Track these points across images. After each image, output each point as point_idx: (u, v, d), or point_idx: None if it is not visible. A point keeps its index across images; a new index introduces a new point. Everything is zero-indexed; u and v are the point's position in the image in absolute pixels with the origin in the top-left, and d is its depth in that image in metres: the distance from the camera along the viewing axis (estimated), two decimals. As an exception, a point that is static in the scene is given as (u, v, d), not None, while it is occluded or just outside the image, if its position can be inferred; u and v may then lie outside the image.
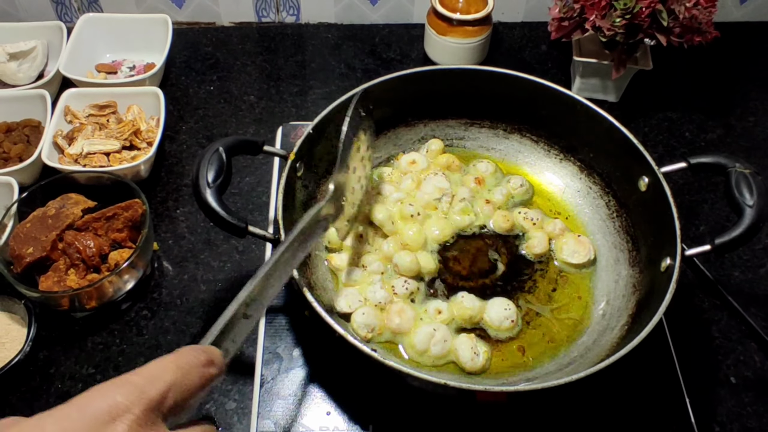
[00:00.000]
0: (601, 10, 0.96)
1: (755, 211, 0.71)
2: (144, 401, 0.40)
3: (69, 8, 1.19)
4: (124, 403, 0.39)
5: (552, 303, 0.81)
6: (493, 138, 0.94)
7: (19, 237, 0.81)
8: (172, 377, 0.42)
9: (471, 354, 0.73)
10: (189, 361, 0.44)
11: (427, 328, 0.75)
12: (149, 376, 0.41)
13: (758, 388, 0.82)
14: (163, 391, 0.41)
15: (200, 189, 0.71)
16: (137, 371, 0.42)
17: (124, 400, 0.39)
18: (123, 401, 0.39)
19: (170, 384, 0.42)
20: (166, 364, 0.43)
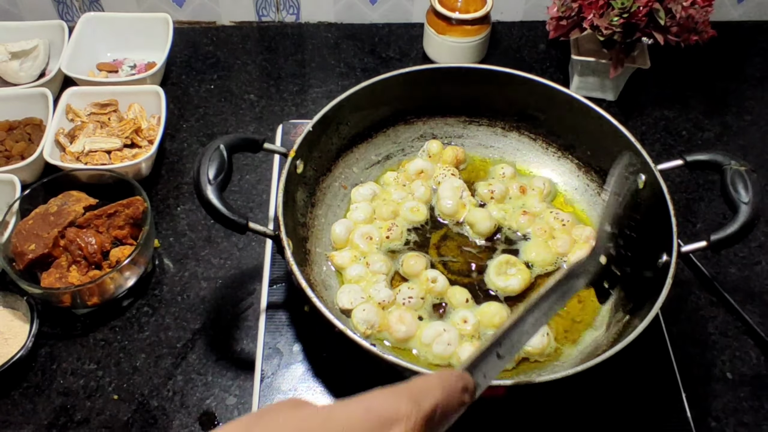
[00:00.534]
0: (599, 9, 0.97)
1: (750, 207, 0.72)
2: (420, 413, 0.42)
3: (70, 7, 1.20)
4: (405, 411, 0.42)
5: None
6: (492, 136, 0.95)
7: (21, 234, 0.82)
8: (439, 395, 0.44)
9: None
10: (452, 383, 0.46)
11: (438, 326, 0.75)
12: (421, 391, 0.44)
13: (754, 383, 0.82)
14: (433, 406, 0.43)
15: (201, 186, 0.72)
16: (409, 385, 0.44)
17: (405, 409, 0.42)
18: (405, 409, 0.42)
19: (438, 401, 0.44)
20: (435, 382, 0.45)
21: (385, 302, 0.77)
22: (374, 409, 0.42)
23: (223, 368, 0.81)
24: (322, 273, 0.82)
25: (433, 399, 0.43)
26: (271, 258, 0.87)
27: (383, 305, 0.77)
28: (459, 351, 0.74)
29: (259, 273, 0.88)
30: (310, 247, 0.82)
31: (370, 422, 0.41)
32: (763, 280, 0.92)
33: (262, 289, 0.84)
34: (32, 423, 0.77)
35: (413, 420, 0.42)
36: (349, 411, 0.41)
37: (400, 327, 0.75)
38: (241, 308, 0.86)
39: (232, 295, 0.88)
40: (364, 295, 0.78)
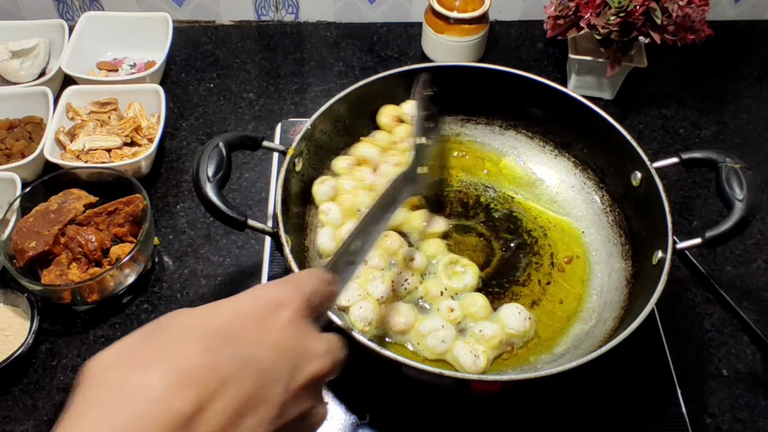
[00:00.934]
0: (596, 8, 0.97)
1: (745, 205, 0.72)
2: (302, 295, 0.47)
3: (71, 7, 1.21)
4: (287, 295, 0.46)
5: (546, 295, 0.82)
6: (489, 134, 0.95)
7: (21, 231, 0.83)
8: (315, 283, 0.49)
9: (471, 357, 0.73)
10: (323, 275, 0.51)
11: (436, 321, 0.76)
12: (300, 280, 0.49)
13: (749, 380, 0.83)
14: (312, 291, 0.48)
15: (200, 183, 0.73)
16: (288, 277, 0.49)
17: (287, 293, 0.46)
18: (287, 293, 0.46)
19: (314, 288, 0.48)
20: (309, 274, 0.50)
21: (383, 298, 0.77)
22: (263, 296, 0.46)
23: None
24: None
25: (311, 286, 0.48)
26: (270, 255, 0.87)
27: (381, 301, 0.77)
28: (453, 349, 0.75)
29: (258, 270, 0.88)
30: (309, 244, 0.83)
31: (261, 307, 0.45)
32: (759, 277, 0.92)
33: (261, 286, 0.85)
34: (32, 419, 0.77)
35: (297, 301, 0.46)
36: (238, 302, 0.45)
37: (397, 319, 0.76)
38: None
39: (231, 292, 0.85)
40: (362, 292, 0.78)
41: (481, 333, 0.75)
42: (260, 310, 0.44)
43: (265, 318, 0.44)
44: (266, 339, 0.43)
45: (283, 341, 0.44)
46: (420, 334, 0.75)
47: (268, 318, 0.44)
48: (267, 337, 0.43)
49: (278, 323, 0.44)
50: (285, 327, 0.44)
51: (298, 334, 0.45)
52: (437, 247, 0.83)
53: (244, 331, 0.43)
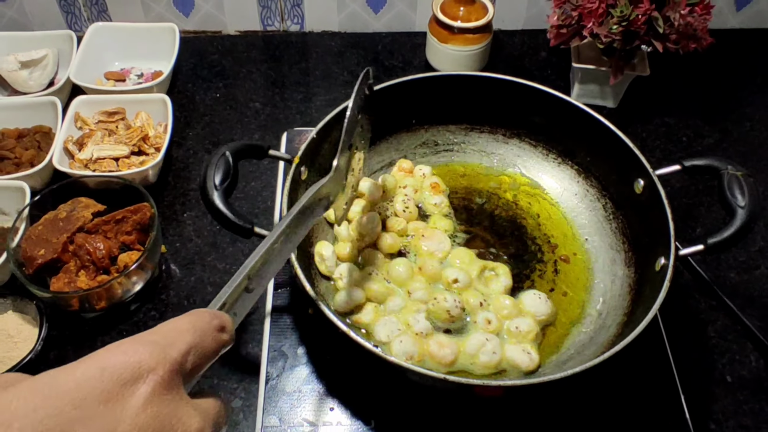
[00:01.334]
0: (599, 17, 0.98)
1: (746, 212, 0.73)
2: (168, 362, 0.37)
3: (79, 18, 1.22)
4: (147, 362, 0.36)
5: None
6: (493, 143, 0.96)
7: (31, 239, 0.84)
8: (191, 339, 0.39)
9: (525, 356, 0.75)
10: (204, 323, 0.41)
11: (479, 337, 0.76)
12: (168, 337, 0.39)
13: (753, 386, 0.83)
14: (184, 352, 0.39)
15: (208, 191, 0.74)
16: (155, 331, 0.39)
17: (147, 360, 0.36)
18: (147, 360, 0.36)
19: (189, 346, 0.39)
20: (182, 325, 0.40)
21: (423, 333, 0.76)
22: (110, 367, 0.35)
23: (229, 371, 0.82)
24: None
25: (183, 344, 0.39)
26: (276, 263, 0.88)
27: (420, 335, 0.76)
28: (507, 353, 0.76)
29: (264, 278, 0.89)
30: (314, 252, 0.84)
31: (107, 384, 0.34)
32: (762, 284, 0.93)
33: (267, 293, 0.86)
34: (41, 425, 0.78)
35: (161, 371, 0.36)
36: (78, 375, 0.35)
37: (444, 352, 0.75)
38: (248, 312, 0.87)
39: (237, 299, 0.89)
40: (402, 326, 0.77)
41: (518, 330, 0.77)
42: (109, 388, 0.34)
43: (116, 398, 0.34)
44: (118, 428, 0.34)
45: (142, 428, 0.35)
46: (469, 355, 0.75)
47: (120, 398, 0.34)
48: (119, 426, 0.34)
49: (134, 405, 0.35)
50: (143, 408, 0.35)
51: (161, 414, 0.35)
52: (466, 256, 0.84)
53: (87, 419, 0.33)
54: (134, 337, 0.38)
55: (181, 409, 0.37)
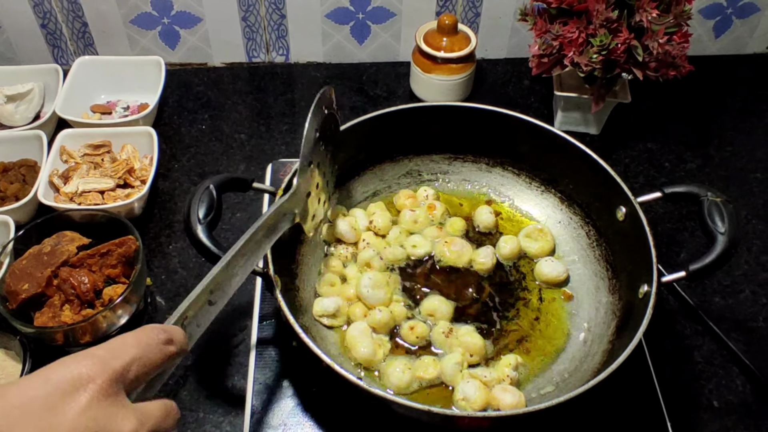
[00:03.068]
0: (579, 46, 1.00)
1: (727, 238, 0.74)
2: (107, 372, 0.41)
3: (65, 51, 1.23)
4: (87, 373, 0.41)
5: (535, 330, 0.83)
6: (476, 171, 0.97)
7: (14, 274, 0.83)
8: (134, 352, 0.44)
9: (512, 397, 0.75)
10: (150, 337, 0.46)
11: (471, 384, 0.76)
12: (112, 350, 0.44)
13: (740, 411, 0.83)
14: (125, 363, 0.43)
15: (191, 225, 0.74)
16: (100, 346, 0.44)
17: (87, 371, 0.41)
18: (87, 372, 0.41)
19: (132, 358, 0.43)
20: (128, 339, 0.45)
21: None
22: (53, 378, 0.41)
23: (215, 404, 0.82)
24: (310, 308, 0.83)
25: (125, 356, 0.43)
26: (261, 295, 0.88)
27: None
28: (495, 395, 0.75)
29: (250, 309, 0.89)
30: (299, 283, 0.84)
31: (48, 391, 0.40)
32: (747, 308, 0.93)
33: (253, 325, 0.86)
34: (24, 463, 0.77)
35: (99, 381, 0.41)
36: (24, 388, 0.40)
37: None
38: (232, 344, 0.87)
39: (223, 331, 0.89)
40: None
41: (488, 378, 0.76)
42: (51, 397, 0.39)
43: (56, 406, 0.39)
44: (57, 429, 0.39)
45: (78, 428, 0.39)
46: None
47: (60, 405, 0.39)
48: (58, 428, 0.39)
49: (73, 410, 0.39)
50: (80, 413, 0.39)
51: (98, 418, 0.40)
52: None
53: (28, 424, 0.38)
54: (82, 351, 0.43)
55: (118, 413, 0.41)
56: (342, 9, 1.20)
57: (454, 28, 1.12)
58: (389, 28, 1.23)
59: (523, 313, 0.84)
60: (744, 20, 1.26)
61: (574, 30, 0.99)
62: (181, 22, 1.20)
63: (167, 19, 1.19)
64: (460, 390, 0.75)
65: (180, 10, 1.18)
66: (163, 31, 1.21)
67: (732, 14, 1.25)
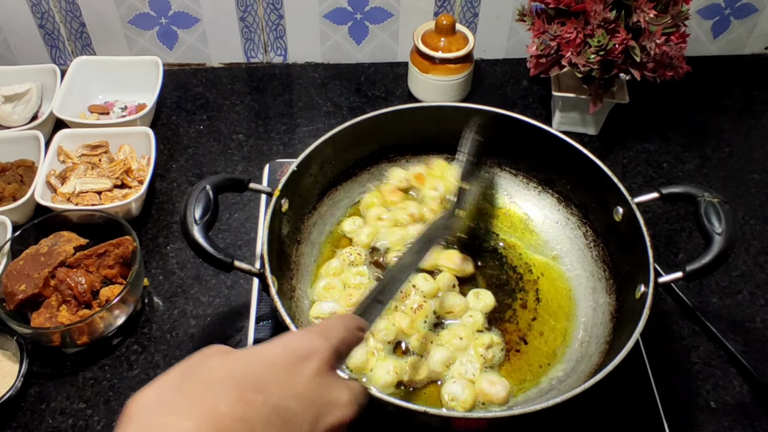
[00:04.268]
0: (577, 47, 0.99)
1: (724, 238, 0.73)
2: (329, 346, 0.49)
3: (63, 51, 1.23)
4: (316, 345, 0.49)
5: (532, 332, 0.83)
6: (474, 172, 0.97)
7: (11, 274, 0.83)
8: (343, 333, 0.52)
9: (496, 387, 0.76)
10: (352, 323, 0.54)
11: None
12: (329, 329, 0.51)
13: (737, 412, 0.83)
14: (340, 341, 0.51)
15: (188, 226, 0.74)
16: (318, 326, 0.53)
17: (318, 344, 0.49)
18: (318, 344, 0.49)
19: (342, 338, 0.52)
20: (338, 322, 0.53)
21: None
22: (291, 346, 0.48)
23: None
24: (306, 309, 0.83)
25: (338, 335, 0.51)
26: (258, 295, 0.88)
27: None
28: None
29: (247, 310, 0.89)
30: (296, 283, 0.84)
31: (289, 357, 0.47)
32: (744, 308, 0.93)
33: (250, 326, 0.86)
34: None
35: (325, 352, 0.49)
36: (269, 350, 0.48)
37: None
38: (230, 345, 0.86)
39: (220, 332, 0.89)
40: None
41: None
42: (290, 360, 0.47)
43: (294, 369, 0.47)
44: (294, 390, 0.46)
45: (310, 392, 0.47)
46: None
47: (297, 369, 0.47)
48: (294, 388, 0.46)
49: (305, 374, 0.47)
50: (311, 378, 0.47)
51: (323, 384, 0.48)
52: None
53: (274, 381, 0.45)
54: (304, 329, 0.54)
55: (336, 383, 0.49)
56: (340, 9, 1.20)
57: (452, 29, 1.12)
58: (387, 29, 1.23)
59: (520, 314, 0.84)
60: (742, 21, 1.26)
61: (571, 30, 0.99)
62: (179, 23, 1.20)
63: (165, 19, 1.19)
64: (446, 392, 0.75)
65: (178, 11, 1.18)
66: (161, 31, 1.21)
67: (730, 15, 1.25)
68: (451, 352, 0.78)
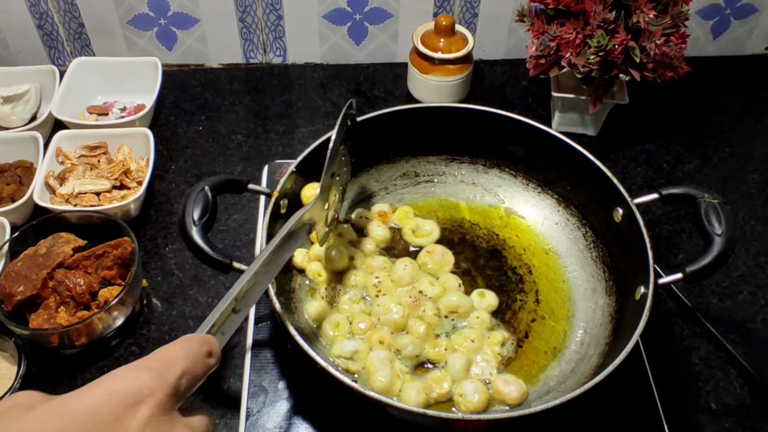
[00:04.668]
0: (576, 47, 0.99)
1: (724, 239, 0.73)
2: (165, 386, 0.42)
3: (62, 52, 1.23)
4: (148, 386, 0.41)
5: (532, 332, 0.83)
6: (473, 173, 0.97)
7: (10, 276, 0.83)
8: (183, 364, 0.44)
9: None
10: (196, 350, 0.46)
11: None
12: (164, 362, 0.44)
13: (738, 413, 0.83)
14: (179, 376, 0.43)
15: (186, 227, 0.73)
16: (152, 357, 0.44)
17: (150, 384, 0.41)
18: (148, 384, 0.41)
19: (183, 370, 0.44)
20: (177, 352, 0.45)
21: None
22: (116, 392, 0.41)
23: (210, 407, 0.81)
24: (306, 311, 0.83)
25: (178, 369, 0.44)
26: (257, 296, 0.88)
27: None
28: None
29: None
30: (294, 285, 0.84)
31: (113, 406, 0.40)
32: (745, 309, 0.93)
33: (248, 327, 0.85)
34: (19, 465, 0.77)
35: (159, 395, 0.41)
36: (89, 399, 0.41)
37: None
38: (228, 346, 0.87)
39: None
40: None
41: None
42: (114, 410, 0.40)
43: (120, 418, 0.40)
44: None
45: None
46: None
47: (123, 417, 0.40)
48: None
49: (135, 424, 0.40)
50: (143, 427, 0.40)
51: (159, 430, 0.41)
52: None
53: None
54: (135, 363, 0.43)
55: (174, 428, 0.42)
56: (339, 10, 1.20)
57: (451, 29, 1.12)
58: (386, 29, 1.23)
59: (520, 315, 0.84)
60: (742, 21, 1.26)
61: (571, 31, 0.99)
62: (178, 23, 1.20)
63: (164, 20, 1.19)
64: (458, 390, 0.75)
65: (177, 11, 1.18)
66: (160, 32, 1.21)
67: (730, 15, 1.25)
68: (467, 354, 0.78)
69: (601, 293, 0.84)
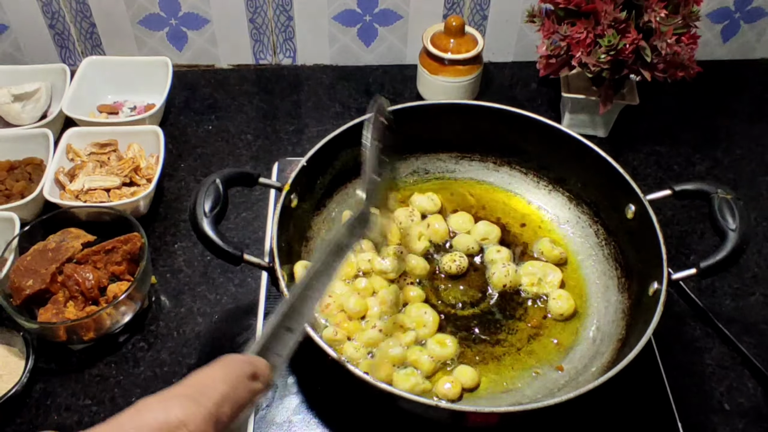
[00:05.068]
0: (587, 47, 0.99)
1: (738, 234, 0.73)
2: (200, 414, 0.38)
3: (72, 51, 1.23)
4: (179, 417, 0.38)
5: (543, 329, 0.82)
6: (484, 170, 0.96)
7: (19, 270, 0.83)
8: (223, 389, 0.40)
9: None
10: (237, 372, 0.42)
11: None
12: (201, 388, 0.40)
13: (752, 414, 0.82)
14: (218, 403, 0.39)
15: (197, 218, 0.73)
16: (184, 383, 0.40)
17: (180, 414, 0.38)
18: (179, 415, 0.38)
19: (222, 396, 0.40)
20: (215, 374, 0.41)
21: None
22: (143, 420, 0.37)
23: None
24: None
25: (216, 394, 0.39)
26: (267, 292, 0.88)
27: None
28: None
29: (254, 308, 0.88)
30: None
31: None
32: (758, 310, 0.92)
33: (258, 322, 0.85)
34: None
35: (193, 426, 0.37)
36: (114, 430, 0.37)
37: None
38: (237, 343, 0.86)
39: (227, 330, 0.88)
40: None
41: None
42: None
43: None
44: None
45: None
46: None
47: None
48: None
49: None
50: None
51: None
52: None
53: None
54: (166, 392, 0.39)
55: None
56: (349, 11, 1.20)
57: (461, 30, 1.12)
58: (396, 31, 1.23)
59: (532, 311, 0.83)
60: (752, 24, 1.26)
61: (582, 30, 0.99)
62: (188, 24, 1.20)
63: (175, 20, 1.19)
64: None
65: (187, 12, 1.18)
66: (171, 32, 1.21)
67: (740, 18, 1.25)
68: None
69: (614, 290, 0.84)
